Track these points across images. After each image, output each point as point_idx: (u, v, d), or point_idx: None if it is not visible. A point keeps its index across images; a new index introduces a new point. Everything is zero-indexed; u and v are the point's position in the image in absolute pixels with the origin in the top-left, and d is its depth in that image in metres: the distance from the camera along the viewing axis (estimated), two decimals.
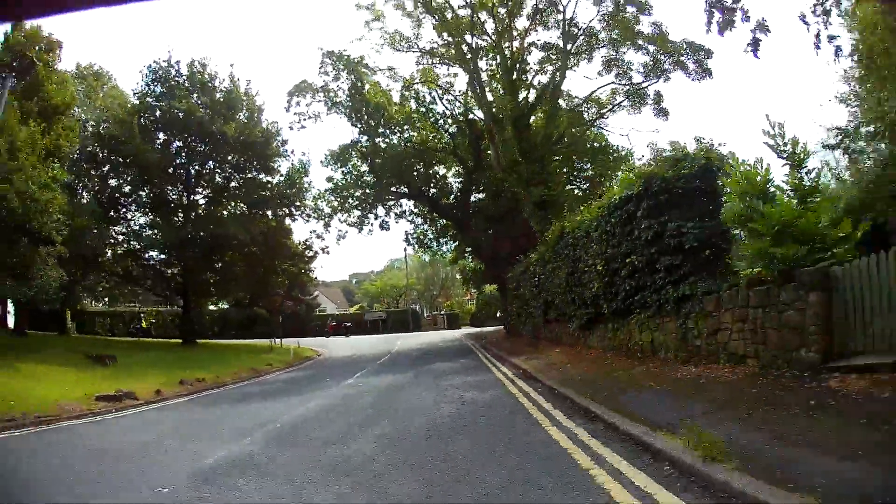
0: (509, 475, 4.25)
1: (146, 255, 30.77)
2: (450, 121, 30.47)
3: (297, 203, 32.33)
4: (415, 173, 30.55)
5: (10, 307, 25.92)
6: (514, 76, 24.05)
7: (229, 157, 29.98)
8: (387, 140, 31.39)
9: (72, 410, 10.27)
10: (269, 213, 31.68)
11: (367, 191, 31.57)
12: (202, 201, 30.90)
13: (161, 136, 29.38)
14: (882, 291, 5.11)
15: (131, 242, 30.28)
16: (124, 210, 29.98)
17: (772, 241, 6.28)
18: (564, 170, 26.91)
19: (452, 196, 31.45)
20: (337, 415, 8.23)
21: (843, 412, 4.33)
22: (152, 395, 12.65)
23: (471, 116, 28.43)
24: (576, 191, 28.42)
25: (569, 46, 23.65)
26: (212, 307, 45.24)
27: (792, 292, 5.77)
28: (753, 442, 3.95)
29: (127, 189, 29.31)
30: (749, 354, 6.45)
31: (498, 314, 36.36)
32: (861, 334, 5.30)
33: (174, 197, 30.17)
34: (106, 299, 41.48)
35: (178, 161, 29.42)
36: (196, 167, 30.18)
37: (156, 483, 5.00)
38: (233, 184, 31.18)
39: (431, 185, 31.84)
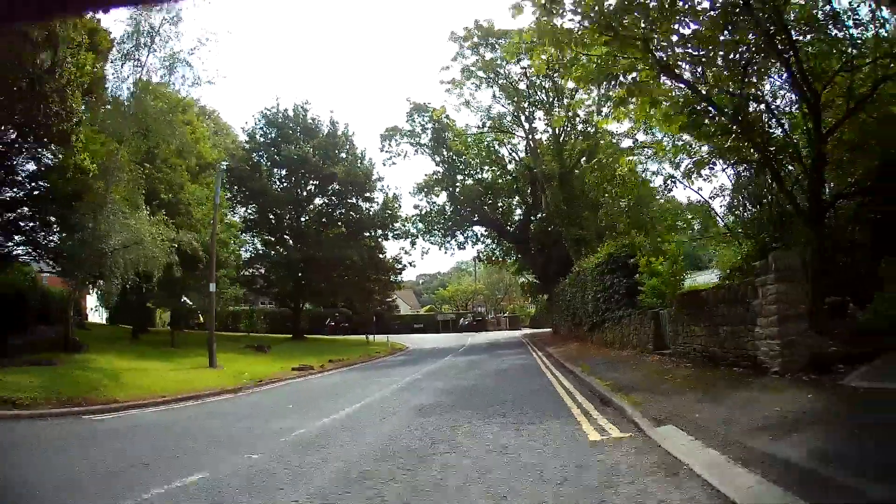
0: (522, 380, 12.59)
1: (263, 271, 38.84)
2: (513, 164, 38.56)
3: (390, 226, 41.10)
4: (486, 207, 38.82)
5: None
6: (562, 139, 31.83)
7: (335, 188, 38.59)
8: (464, 175, 39.89)
9: (285, 376, 16.78)
10: (366, 234, 39.39)
11: (447, 217, 40.08)
12: (308, 221, 38.82)
13: (276, 171, 38.04)
14: (667, 325, 12.92)
15: (256, 261, 38.76)
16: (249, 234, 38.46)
17: (650, 296, 14.15)
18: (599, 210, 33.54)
19: (515, 224, 39.51)
20: (448, 370, 16.65)
21: (635, 365, 12.28)
22: (320, 368, 19.58)
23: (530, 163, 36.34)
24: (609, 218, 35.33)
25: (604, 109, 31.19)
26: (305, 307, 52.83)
27: (647, 319, 13.71)
28: (601, 370, 11.96)
29: (255, 217, 37.89)
30: (636, 345, 14.41)
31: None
32: (666, 340, 13.15)
33: (287, 222, 38.41)
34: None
35: (296, 194, 38.02)
36: (304, 195, 38.54)
37: (390, 384, 13.39)
38: (338, 211, 39.61)
39: (498, 214, 39.97)
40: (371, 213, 40.14)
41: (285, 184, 38.50)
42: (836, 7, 8.50)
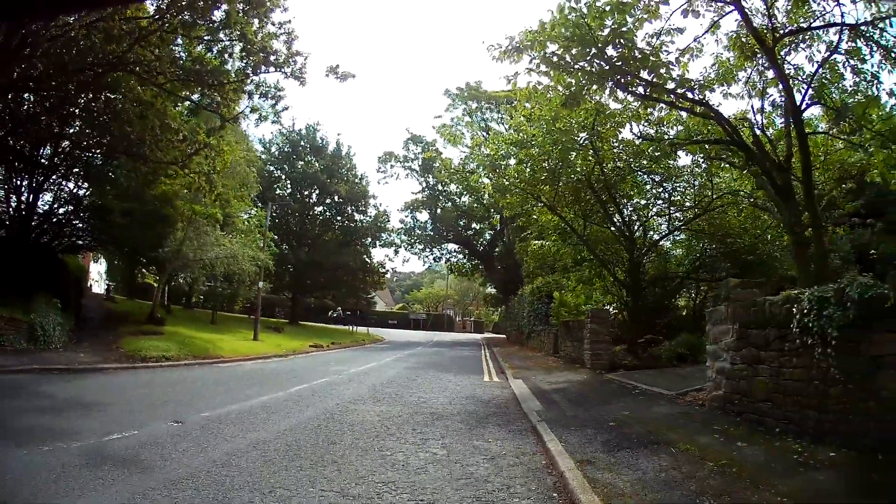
0: (466, 362, 20.43)
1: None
2: (486, 195, 46.30)
3: (379, 236, 48.42)
4: (460, 228, 46.65)
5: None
6: None
7: (336, 200, 45.90)
8: (444, 199, 47.55)
9: (308, 350, 24.02)
10: (358, 241, 46.43)
11: (427, 233, 47.78)
12: (309, 225, 45.65)
13: (287, 181, 44.69)
14: (562, 337, 20.81)
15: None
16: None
17: (556, 318, 22.02)
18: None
19: (483, 245, 47.43)
20: (420, 354, 24.36)
21: (534, 360, 20.15)
22: (327, 347, 27.14)
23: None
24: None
25: None
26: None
27: (550, 331, 21.62)
28: (514, 361, 19.75)
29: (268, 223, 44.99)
30: (546, 350, 22.32)
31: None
32: (559, 348, 21.03)
33: (292, 224, 45.29)
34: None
35: (302, 201, 44.84)
36: (308, 203, 45.54)
37: (384, 358, 21.23)
38: (336, 219, 46.81)
39: (470, 234, 47.84)
40: (364, 223, 47.39)
41: (293, 191, 45.31)
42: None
